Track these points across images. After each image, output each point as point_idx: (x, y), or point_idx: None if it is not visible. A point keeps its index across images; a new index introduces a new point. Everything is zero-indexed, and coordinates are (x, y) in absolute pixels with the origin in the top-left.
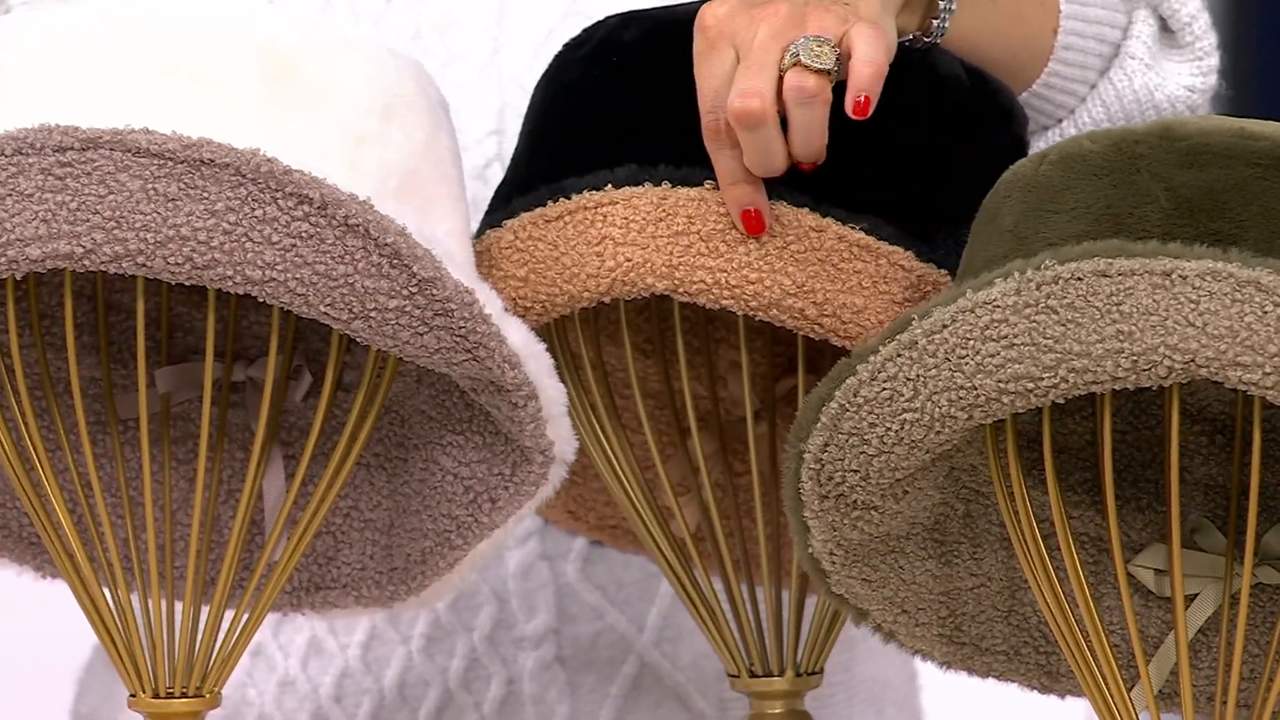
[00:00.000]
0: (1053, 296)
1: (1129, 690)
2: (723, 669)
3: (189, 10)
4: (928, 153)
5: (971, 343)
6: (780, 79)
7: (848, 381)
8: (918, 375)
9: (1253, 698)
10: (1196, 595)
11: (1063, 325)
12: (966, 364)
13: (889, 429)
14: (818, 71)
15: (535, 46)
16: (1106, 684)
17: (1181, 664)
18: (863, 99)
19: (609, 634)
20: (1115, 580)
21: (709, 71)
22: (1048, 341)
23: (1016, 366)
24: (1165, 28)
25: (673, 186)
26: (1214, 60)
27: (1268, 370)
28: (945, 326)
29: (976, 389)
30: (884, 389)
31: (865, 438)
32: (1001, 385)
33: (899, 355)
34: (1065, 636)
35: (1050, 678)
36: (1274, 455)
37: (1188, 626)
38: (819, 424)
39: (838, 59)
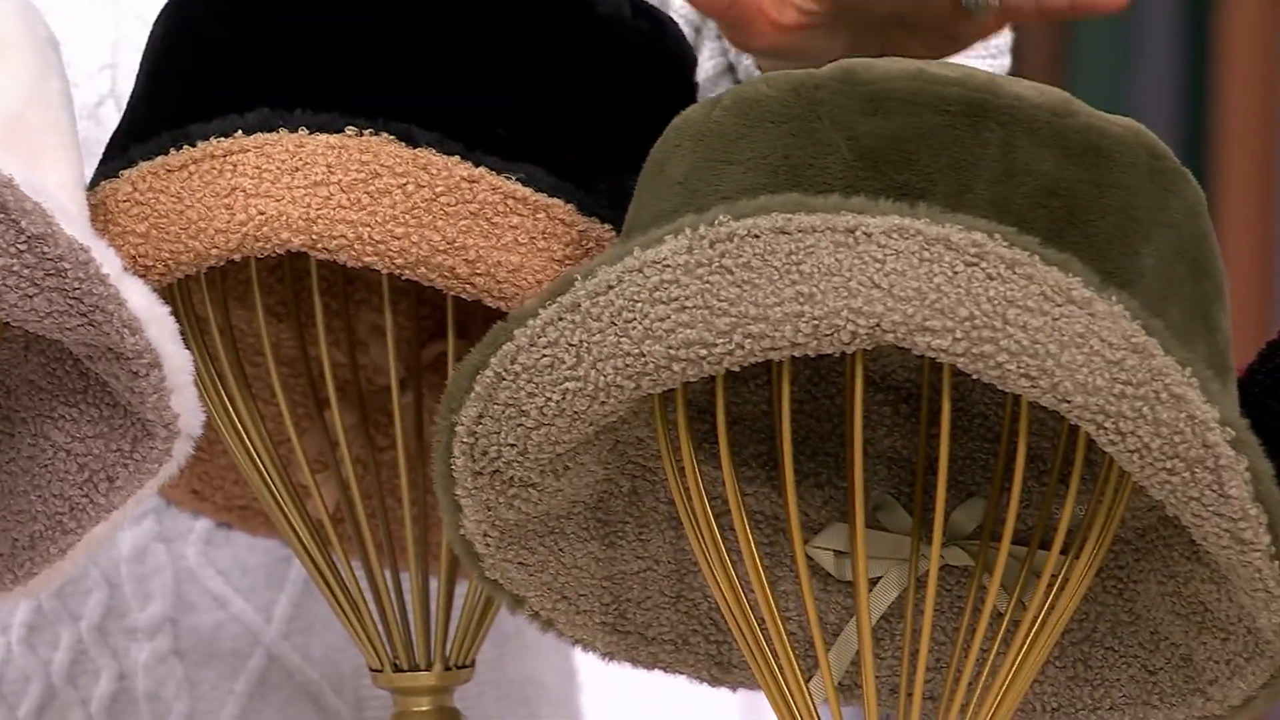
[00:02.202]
0: (727, 255)
1: (807, 681)
2: (360, 664)
3: None
4: (588, 96)
5: (639, 305)
6: None
7: (504, 347)
8: (581, 341)
9: (939, 689)
10: (879, 578)
11: (738, 287)
12: (634, 328)
13: (549, 399)
14: None
15: None
16: (783, 674)
17: (864, 653)
18: None
19: (232, 624)
20: (793, 563)
21: None
22: (722, 304)
23: (688, 331)
24: None
25: (310, 133)
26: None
27: (958, 335)
28: (611, 288)
29: (645, 355)
30: (544, 355)
31: (523, 409)
32: (672, 352)
33: (560, 319)
34: (739, 623)
35: (721, 669)
36: (962, 426)
37: (870, 612)
38: (472, 394)
39: None
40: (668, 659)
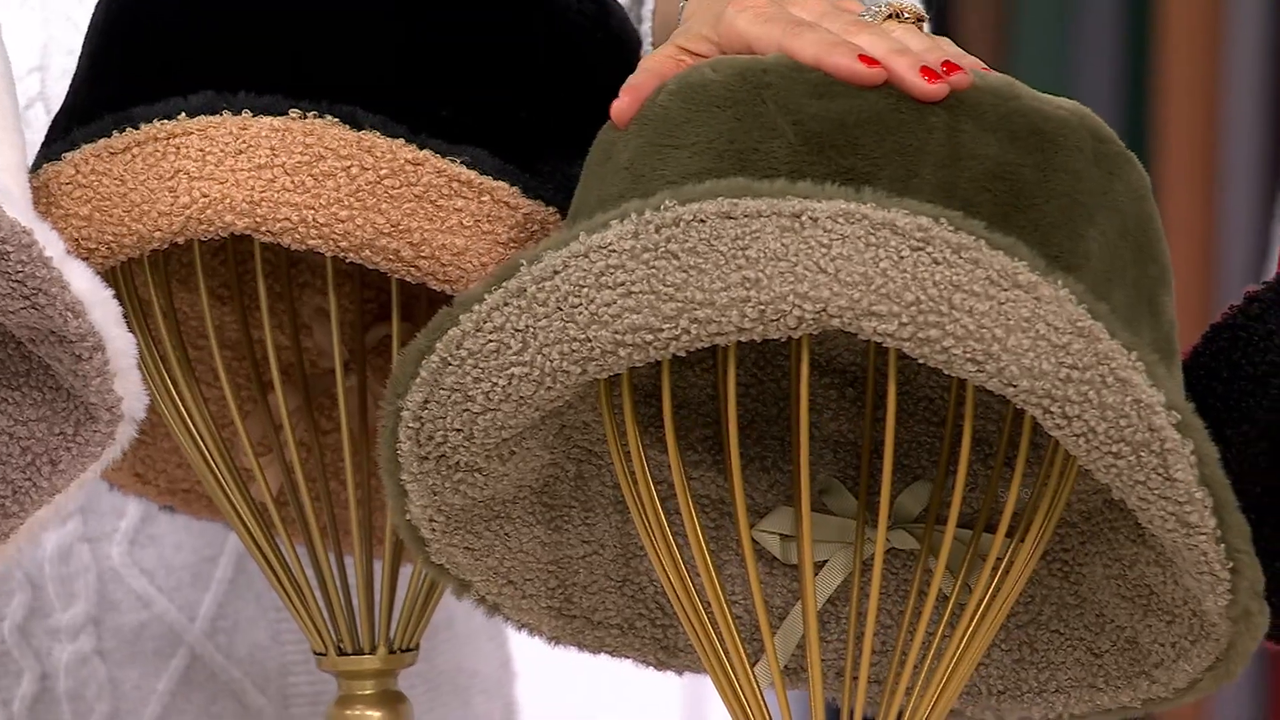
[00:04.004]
0: (673, 240)
1: (753, 665)
2: (285, 662)
3: None
4: (533, 79)
5: (585, 291)
6: None
7: (450, 332)
8: (527, 326)
9: (885, 672)
10: (825, 562)
11: (684, 272)
12: (580, 314)
13: (495, 384)
14: None
15: None
16: (729, 658)
17: (810, 636)
18: None
19: (156, 624)
20: (738, 546)
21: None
22: (668, 289)
23: (634, 317)
24: None
25: (254, 115)
26: None
27: (904, 320)
28: (556, 273)
29: (591, 341)
30: (490, 340)
31: (469, 394)
32: (618, 337)
33: (506, 304)
34: (685, 607)
35: (667, 652)
36: (908, 410)
37: (816, 596)
38: (418, 379)
39: None
40: (614, 643)
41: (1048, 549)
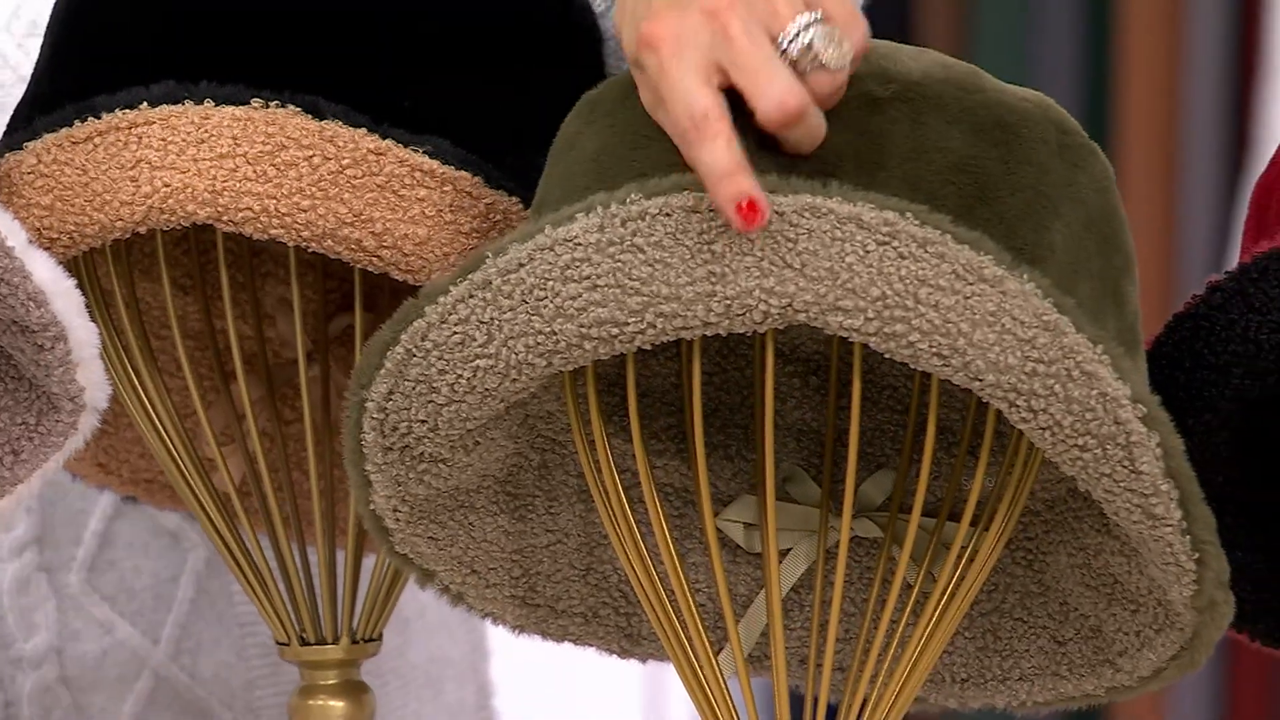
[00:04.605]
0: (639, 234)
1: (716, 653)
2: (251, 678)
3: None
4: (495, 69)
5: (550, 284)
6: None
7: (415, 324)
8: (492, 318)
9: (849, 660)
10: (789, 550)
11: (650, 265)
12: (545, 307)
13: (460, 376)
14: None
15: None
16: (692, 646)
17: (774, 625)
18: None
19: (119, 649)
20: (702, 535)
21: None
22: (634, 283)
23: (600, 310)
24: None
25: (216, 105)
26: None
27: (870, 315)
28: (522, 265)
29: (556, 334)
30: (455, 333)
31: (434, 385)
32: (584, 330)
33: (471, 296)
34: (648, 596)
35: (631, 641)
36: (871, 398)
37: (780, 584)
38: (383, 370)
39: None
40: (577, 632)
41: (1012, 538)
